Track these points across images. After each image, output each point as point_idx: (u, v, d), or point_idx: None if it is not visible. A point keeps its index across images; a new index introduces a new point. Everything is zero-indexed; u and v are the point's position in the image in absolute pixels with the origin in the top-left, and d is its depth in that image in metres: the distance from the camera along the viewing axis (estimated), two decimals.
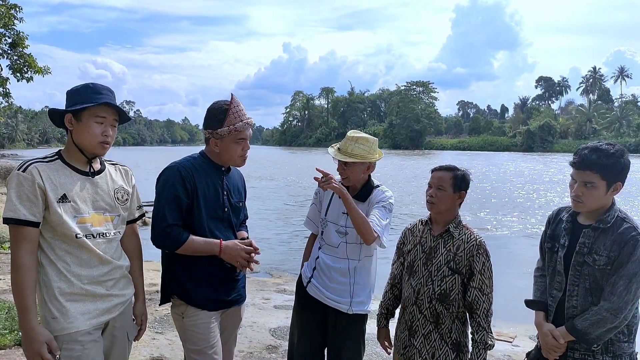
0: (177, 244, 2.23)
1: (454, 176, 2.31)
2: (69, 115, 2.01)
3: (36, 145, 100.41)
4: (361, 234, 2.51)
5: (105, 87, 2.08)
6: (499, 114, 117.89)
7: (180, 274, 2.32)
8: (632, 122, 73.77)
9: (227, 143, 2.31)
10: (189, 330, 2.31)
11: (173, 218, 2.23)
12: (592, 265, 2.09)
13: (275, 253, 9.74)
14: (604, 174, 2.04)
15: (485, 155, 60.67)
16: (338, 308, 2.70)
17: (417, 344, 2.38)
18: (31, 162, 1.94)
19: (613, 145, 2.08)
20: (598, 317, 2.04)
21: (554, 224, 2.33)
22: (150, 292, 5.94)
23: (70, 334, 1.94)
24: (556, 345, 2.14)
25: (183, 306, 2.32)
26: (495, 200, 18.45)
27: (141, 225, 2.55)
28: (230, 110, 2.29)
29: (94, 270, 2.02)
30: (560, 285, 2.21)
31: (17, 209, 1.87)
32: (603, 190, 2.07)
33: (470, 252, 2.29)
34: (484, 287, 2.27)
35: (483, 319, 2.27)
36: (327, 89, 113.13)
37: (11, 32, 11.37)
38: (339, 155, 2.66)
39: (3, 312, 4.43)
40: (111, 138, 2.06)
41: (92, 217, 2.03)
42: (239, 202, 2.51)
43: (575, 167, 2.12)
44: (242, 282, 2.52)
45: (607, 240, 2.07)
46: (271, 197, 19.44)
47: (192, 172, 2.29)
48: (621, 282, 2.01)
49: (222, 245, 2.28)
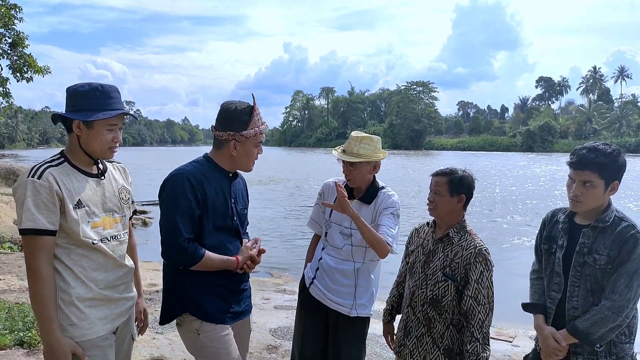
0: (194, 261, 2.09)
1: (449, 180, 2.28)
2: (77, 121, 1.92)
3: (36, 145, 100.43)
4: (375, 249, 2.52)
5: (113, 89, 1.99)
6: (499, 114, 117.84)
7: (191, 289, 2.16)
8: (632, 122, 73.74)
9: (248, 146, 2.21)
10: (208, 347, 2.17)
11: (188, 231, 2.08)
12: (593, 265, 2.08)
13: (276, 253, 9.73)
14: (602, 173, 2.05)
15: (491, 156, 60.59)
16: (339, 310, 2.69)
17: (410, 345, 2.36)
18: (44, 168, 1.86)
19: (609, 145, 2.10)
20: (600, 316, 2.03)
21: (549, 226, 2.33)
22: (150, 292, 5.95)
23: (91, 340, 1.91)
24: (558, 349, 2.12)
25: (197, 322, 2.16)
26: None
27: (142, 226, 2.54)
28: (255, 111, 2.20)
29: (110, 274, 1.99)
30: (559, 286, 2.19)
31: (36, 218, 1.79)
32: (601, 190, 2.07)
33: (467, 259, 2.22)
34: (480, 297, 2.17)
35: (477, 329, 2.16)
36: (327, 89, 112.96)
37: (11, 32, 11.36)
38: (344, 156, 2.64)
39: (3, 312, 4.43)
40: (119, 141, 2.02)
41: (104, 220, 1.98)
42: (244, 209, 2.40)
43: (573, 167, 2.12)
44: (249, 292, 2.45)
45: (607, 239, 2.07)
46: (275, 198, 19.44)
47: (202, 179, 2.15)
48: (622, 280, 2.01)
49: (239, 261, 2.19)
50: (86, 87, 1.95)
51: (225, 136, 2.19)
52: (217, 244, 2.17)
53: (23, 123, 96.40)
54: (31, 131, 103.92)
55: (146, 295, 5.84)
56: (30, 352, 3.76)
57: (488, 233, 11.97)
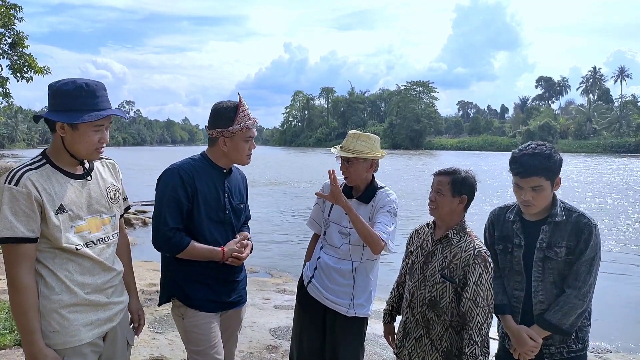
0: (178, 249, 2.22)
1: (452, 180, 2.26)
2: (61, 122, 1.81)
3: (36, 145, 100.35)
4: (368, 244, 2.52)
5: (100, 86, 1.88)
6: (499, 114, 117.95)
7: (178, 276, 2.32)
8: (632, 122, 73.70)
9: (237, 141, 2.30)
10: (189, 331, 2.32)
11: (174, 222, 2.22)
12: (555, 258, 2.18)
13: (276, 253, 9.74)
14: (548, 175, 2.15)
15: (493, 156, 60.64)
16: (337, 309, 2.70)
17: (409, 346, 2.35)
18: (22, 172, 1.76)
19: (544, 145, 2.22)
20: (569, 305, 2.13)
21: (499, 225, 2.38)
22: (150, 292, 5.95)
23: (73, 347, 1.84)
24: (535, 346, 2.18)
25: (183, 307, 2.32)
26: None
27: (141, 226, 2.54)
28: (240, 108, 2.29)
29: (97, 278, 1.92)
30: (521, 284, 2.26)
31: (14, 226, 1.71)
32: (549, 190, 2.18)
33: (466, 261, 2.19)
34: (478, 299, 2.13)
35: (476, 332, 2.12)
36: (327, 89, 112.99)
37: (11, 32, 11.40)
38: (341, 151, 2.67)
39: (3, 312, 4.43)
40: (106, 141, 1.93)
41: (89, 223, 1.91)
42: (241, 203, 2.49)
43: (520, 176, 2.18)
44: (243, 284, 2.52)
45: (563, 231, 2.18)
46: (275, 198, 19.44)
47: (193, 174, 2.27)
48: (583, 267, 2.13)
49: (224, 252, 2.28)
50: (70, 86, 1.83)
51: (215, 134, 2.32)
52: (210, 236, 2.30)
53: (23, 123, 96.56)
54: (31, 131, 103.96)
55: (146, 295, 5.83)
56: None
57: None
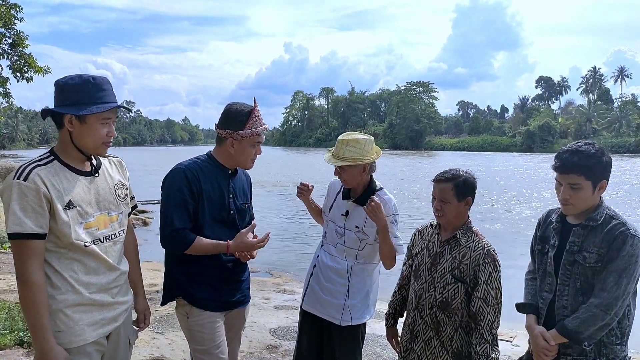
0: (184, 246, 2.24)
1: (454, 186, 2.25)
2: (69, 115, 1.82)
3: (36, 145, 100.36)
4: (386, 259, 2.62)
5: (105, 80, 1.91)
6: (498, 114, 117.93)
7: (183, 276, 2.33)
8: (632, 122, 73.69)
9: (244, 145, 2.33)
10: (194, 331, 2.33)
11: (180, 222, 2.23)
12: (582, 263, 2.08)
13: (276, 253, 9.73)
14: (588, 175, 2.05)
15: (494, 156, 60.60)
16: (331, 321, 2.70)
17: (417, 349, 2.34)
18: (31, 168, 1.76)
19: (593, 145, 2.10)
20: (588, 314, 2.01)
21: (544, 226, 2.33)
22: (150, 292, 5.94)
23: (77, 347, 1.84)
24: (547, 348, 2.11)
25: (187, 306, 2.33)
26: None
27: (142, 226, 2.55)
28: (253, 113, 2.31)
29: (103, 277, 1.92)
30: (551, 287, 2.19)
31: (23, 222, 1.70)
32: (589, 191, 2.07)
33: (476, 260, 2.21)
34: (489, 298, 2.17)
35: (487, 331, 2.15)
36: (327, 89, 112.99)
37: (11, 32, 11.40)
38: (331, 160, 2.67)
39: (3, 312, 4.43)
40: (114, 135, 1.94)
41: (98, 220, 1.91)
42: (245, 203, 2.50)
43: (558, 171, 2.12)
44: (247, 284, 2.54)
45: (597, 237, 2.06)
46: (275, 199, 19.43)
47: (198, 174, 2.29)
48: (611, 277, 2.00)
49: (229, 245, 2.28)
50: (77, 80, 1.85)
51: (224, 134, 2.34)
52: (214, 237, 2.30)
53: (23, 123, 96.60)
54: (31, 131, 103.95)
55: (147, 295, 5.83)
56: (30, 352, 3.75)
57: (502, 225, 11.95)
